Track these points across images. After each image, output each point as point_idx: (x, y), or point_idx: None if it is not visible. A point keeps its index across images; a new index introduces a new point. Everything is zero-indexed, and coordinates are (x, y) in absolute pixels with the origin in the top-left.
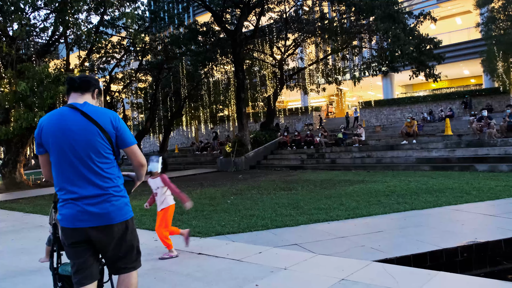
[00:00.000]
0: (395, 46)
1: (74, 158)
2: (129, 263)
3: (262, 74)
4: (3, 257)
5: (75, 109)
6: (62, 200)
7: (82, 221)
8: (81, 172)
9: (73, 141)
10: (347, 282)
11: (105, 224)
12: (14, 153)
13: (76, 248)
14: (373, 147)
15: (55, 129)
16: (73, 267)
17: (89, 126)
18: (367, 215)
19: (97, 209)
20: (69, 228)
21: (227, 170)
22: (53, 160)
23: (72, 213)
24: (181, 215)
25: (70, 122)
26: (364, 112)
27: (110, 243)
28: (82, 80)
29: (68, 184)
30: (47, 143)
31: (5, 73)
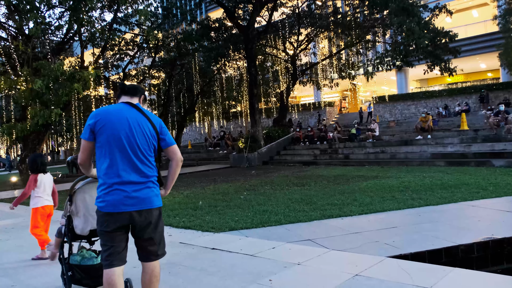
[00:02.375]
0: (409, 40)
1: (128, 147)
2: (160, 249)
3: (274, 69)
4: (22, 250)
5: (131, 106)
6: (107, 186)
7: (127, 206)
8: (132, 159)
9: (129, 131)
10: (361, 277)
11: (147, 208)
12: (31, 149)
13: (115, 232)
14: (387, 142)
15: (114, 119)
16: (106, 250)
17: (145, 121)
18: (381, 210)
19: (141, 194)
20: (114, 213)
21: (240, 166)
22: (105, 147)
23: (117, 199)
24: (195, 210)
25: (128, 114)
26: (378, 107)
27: (148, 226)
28: (130, 86)
29: (116, 169)
30: (100, 131)
31: (22, 71)
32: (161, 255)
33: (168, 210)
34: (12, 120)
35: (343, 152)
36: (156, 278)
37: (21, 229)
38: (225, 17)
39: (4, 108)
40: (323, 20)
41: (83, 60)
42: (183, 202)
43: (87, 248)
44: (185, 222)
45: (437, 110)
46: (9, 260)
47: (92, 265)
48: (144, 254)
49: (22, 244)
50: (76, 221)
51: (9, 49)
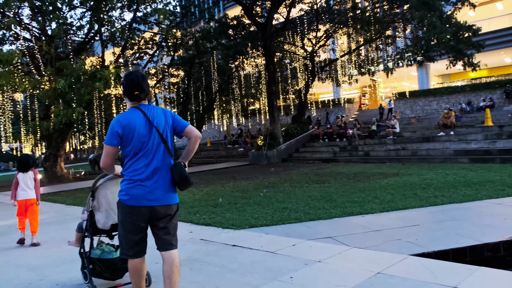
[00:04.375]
0: (430, 35)
1: (155, 146)
2: (174, 240)
3: (293, 66)
4: (47, 246)
5: (146, 108)
6: (132, 181)
7: (149, 201)
8: (159, 157)
9: (152, 133)
10: (383, 275)
11: (169, 203)
12: (54, 148)
13: (138, 224)
14: (408, 139)
15: (138, 125)
16: (129, 241)
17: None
18: (403, 208)
19: (165, 191)
20: (137, 206)
21: (259, 163)
22: (134, 147)
23: (141, 194)
24: (215, 207)
25: (150, 116)
26: (398, 103)
27: (166, 219)
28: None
29: (143, 167)
30: (128, 135)
31: (45, 71)
32: (175, 245)
33: (189, 207)
34: (37, 119)
35: (363, 149)
36: (176, 268)
37: (45, 225)
38: (243, 14)
39: (29, 107)
40: (341, 16)
41: (104, 59)
42: (203, 199)
43: (106, 242)
44: (205, 219)
45: (460, 106)
46: (35, 255)
47: (111, 258)
48: (162, 244)
49: (47, 239)
50: (98, 216)
51: (33, 50)
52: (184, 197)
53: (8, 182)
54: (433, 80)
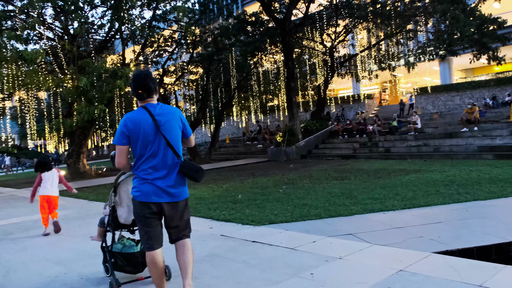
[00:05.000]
0: (454, 28)
1: (161, 144)
2: (187, 231)
3: (312, 62)
4: (72, 241)
5: (154, 107)
6: (142, 180)
7: (159, 197)
8: (166, 157)
9: (163, 131)
10: (405, 273)
11: (175, 200)
12: (77, 145)
13: (151, 218)
14: (430, 135)
15: (144, 122)
16: (145, 235)
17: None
18: (425, 205)
19: (175, 188)
20: (147, 202)
21: (278, 160)
22: (141, 147)
23: (150, 190)
24: (234, 203)
25: (156, 116)
26: (419, 99)
27: (175, 215)
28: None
29: (150, 168)
30: (135, 136)
31: (68, 69)
32: (188, 235)
33: (209, 203)
34: (60, 117)
35: (383, 145)
36: (189, 250)
37: (69, 221)
38: (262, 10)
39: (52, 105)
40: (361, 11)
41: (124, 57)
42: (223, 196)
43: (127, 237)
44: (225, 215)
45: (484, 101)
46: (61, 249)
47: (132, 253)
48: (174, 236)
49: (72, 234)
50: (120, 211)
51: (56, 49)
52: (204, 193)
53: (33, 178)
54: (456, 75)
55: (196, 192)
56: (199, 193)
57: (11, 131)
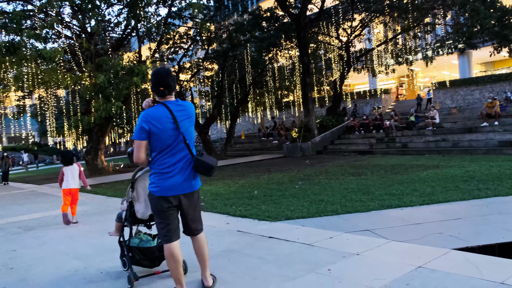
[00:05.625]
0: (473, 21)
1: (179, 140)
2: (200, 225)
3: (327, 57)
4: (91, 236)
5: (172, 104)
6: (160, 175)
7: (177, 190)
8: (184, 150)
9: (181, 127)
10: (424, 270)
11: (191, 191)
12: (95, 141)
13: (169, 211)
14: (448, 130)
15: (164, 119)
16: (164, 228)
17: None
18: (444, 201)
19: (189, 180)
20: (167, 196)
21: (293, 156)
22: (160, 142)
23: (168, 185)
24: (250, 199)
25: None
26: (437, 93)
27: (191, 206)
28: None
29: (167, 162)
30: (154, 131)
31: (86, 67)
32: (201, 229)
33: (225, 199)
34: (78, 114)
35: (400, 140)
36: (204, 243)
37: (88, 216)
38: (276, 6)
39: (71, 102)
40: (378, 4)
41: (140, 54)
42: (239, 192)
43: (143, 232)
44: (241, 211)
45: (505, 95)
46: (80, 244)
47: (149, 247)
48: (189, 230)
49: (90, 229)
50: (137, 206)
51: (74, 47)
52: (220, 189)
53: (53, 174)
54: (475, 68)
55: (212, 188)
56: (215, 189)
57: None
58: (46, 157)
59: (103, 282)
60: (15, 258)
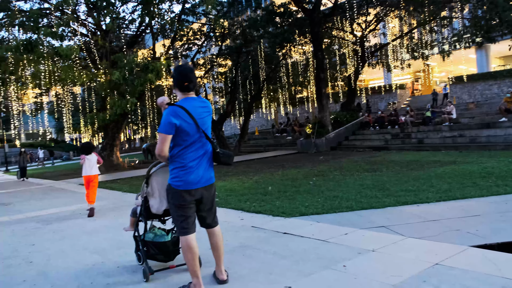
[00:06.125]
0: (492, 14)
1: (202, 135)
2: (216, 217)
3: (341, 52)
4: (108, 231)
5: (196, 100)
6: (185, 168)
7: (199, 183)
8: (204, 144)
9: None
10: (441, 267)
11: (210, 184)
12: (110, 138)
13: (190, 205)
14: (466, 125)
15: (188, 114)
16: (183, 221)
17: (208, 111)
18: (461, 198)
19: (209, 173)
20: (191, 190)
21: (307, 152)
22: (186, 137)
23: (192, 178)
24: (264, 195)
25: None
26: (454, 88)
27: (210, 198)
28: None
29: (190, 156)
30: (180, 125)
31: (101, 64)
32: (217, 222)
33: (239, 195)
34: (94, 111)
35: (416, 136)
36: (221, 238)
37: (105, 211)
38: (290, 1)
39: (87, 99)
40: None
41: (154, 51)
42: (253, 188)
43: (157, 227)
44: (255, 206)
45: None
46: (97, 239)
47: (164, 242)
48: (206, 222)
49: (107, 224)
50: (152, 201)
51: (89, 44)
52: (234, 185)
53: (70, 170)
54: (493, 63)
55: (227, 184)
56: (229, 185)
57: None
58: (63, 154)
59: (120, 276)
60: (35, 252)
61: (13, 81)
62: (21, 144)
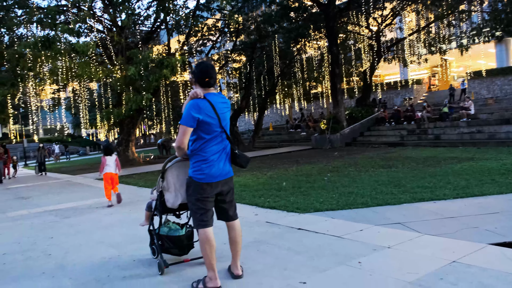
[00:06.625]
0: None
1: (222, 130)
2: (236, 210)
3: (357, 47)
4: (124, 225)
5: (217, 96)
6: (207, 161)
7: (221, 176)
8: (224, 139)
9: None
10: (459, 264)
11: (230, 176)
12: (126, 133)
13: (210, 198)
14: (484, 121)
15: (211, 109)
16: (202, 214)
17: (227, 106)
18: (479, 194)
19: (228, 166)
20: (212, 183)
21: (322, 147)
22: (208, 131)
23: (214, 171)
24: (279, 191)
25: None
26: (472, 83)
27: (229, 190)
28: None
29: (211, 150)
30: (202, 119)
31: (117, 60)
32: (237, 214)
33: (253, 191)
34: (110, 106)
35: (433, 132)
36: (240, 232)
37: (120, 206)
38: None
39: (103, 95)
40: None
41: (169, 47)
42: (267, 183)
43: (172, 221)
44: (270, 202)
45: None
46: (113, 233)
47: (178, 236)
48: (226, 215)
49: (123, 218)
50: (167, 195)
51: (105, 40)
52: (248, 181)
53: (87, 165)
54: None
55: (241, 180)
56: (243, 180)
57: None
58: (79, 149)
59: (136, 269)
60: (53, 245)
61: (31, 77)
62: (39, 139)
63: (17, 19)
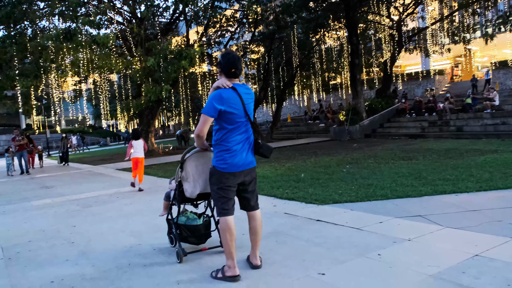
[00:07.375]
0: None
1: (247, 120)
2: (257, 200)
3: (377, 37)
4: (144, 214)
5: (241, 87)
6: (231, 151)
7: (244, 166)
8: (249, 129)
9: (247, 108)
10: (482, 258)
11: (253, 166)
12: (145, 124)
13: (232, 188)
14: (509, 112)
15: (236, 99)
16: (224, 203)
17: (251, 97)
18: (504, 188)
19: (251, 156)
20: (235, 172)
21: (340, 139)
22: (232, 121)
23: (238, 161)
24: (297, 182)
25: (243, 96)
26: (497, 73)
27: (252, 180)
28: (239, 71)
29: (235, 140)
30: (225, 109)
31: (136, 52)
32: (258, 205)
33: (272, 182)
34: (130, 97)
35: (455, 124)
36: (261, 223)
37: (141, 196)
38: None
39: (123, 86)
40: None
41: (188, 38)
42: (286, 174)
43: (189, 210)
44: (288, 193)
45: None
46: (134, 222)
47: (196, 225)
48: (248, 205)
49: (143, 208)
50: (186, 185)
51: (125, 32)
52: (266, 172)
53: (107, 156)
54: None
55: (259, 171)
56: (262, 171)
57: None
58: (100, 139)
59: (156, 258)
60: (76, 233)
61: (53, 69)
62: (61, 130)
63: (40, 11)
